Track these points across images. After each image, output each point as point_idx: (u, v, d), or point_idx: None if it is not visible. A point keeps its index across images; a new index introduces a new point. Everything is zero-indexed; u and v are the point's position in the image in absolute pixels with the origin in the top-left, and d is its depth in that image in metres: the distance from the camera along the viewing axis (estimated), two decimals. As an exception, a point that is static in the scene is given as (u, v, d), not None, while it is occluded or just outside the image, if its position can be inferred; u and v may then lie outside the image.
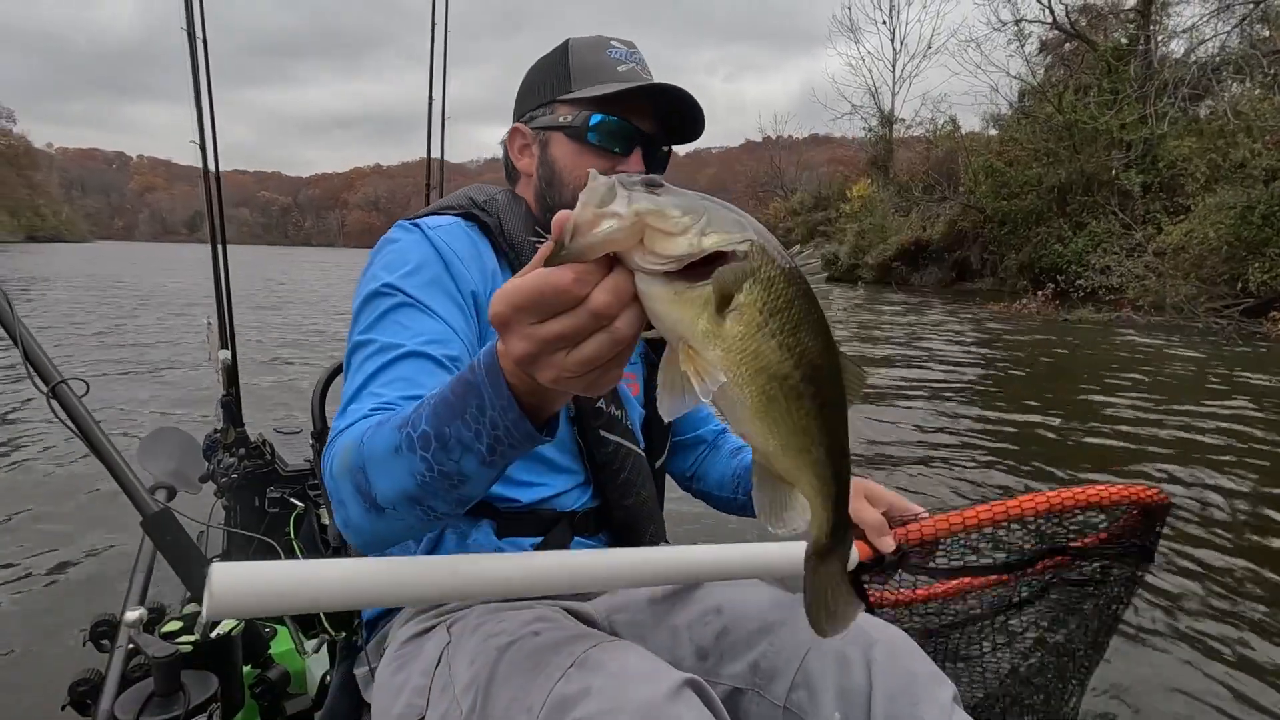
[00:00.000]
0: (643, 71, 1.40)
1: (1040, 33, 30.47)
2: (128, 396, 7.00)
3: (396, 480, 0.88)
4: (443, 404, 0.83)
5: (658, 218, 0.60)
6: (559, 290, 0.63)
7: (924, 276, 32.25)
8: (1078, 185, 24.76)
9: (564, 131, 1.36)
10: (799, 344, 0.64)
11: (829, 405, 0.68)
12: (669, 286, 0.62)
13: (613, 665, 0.97)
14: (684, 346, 0.63)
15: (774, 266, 0.63)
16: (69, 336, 11.17)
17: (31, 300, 16.60)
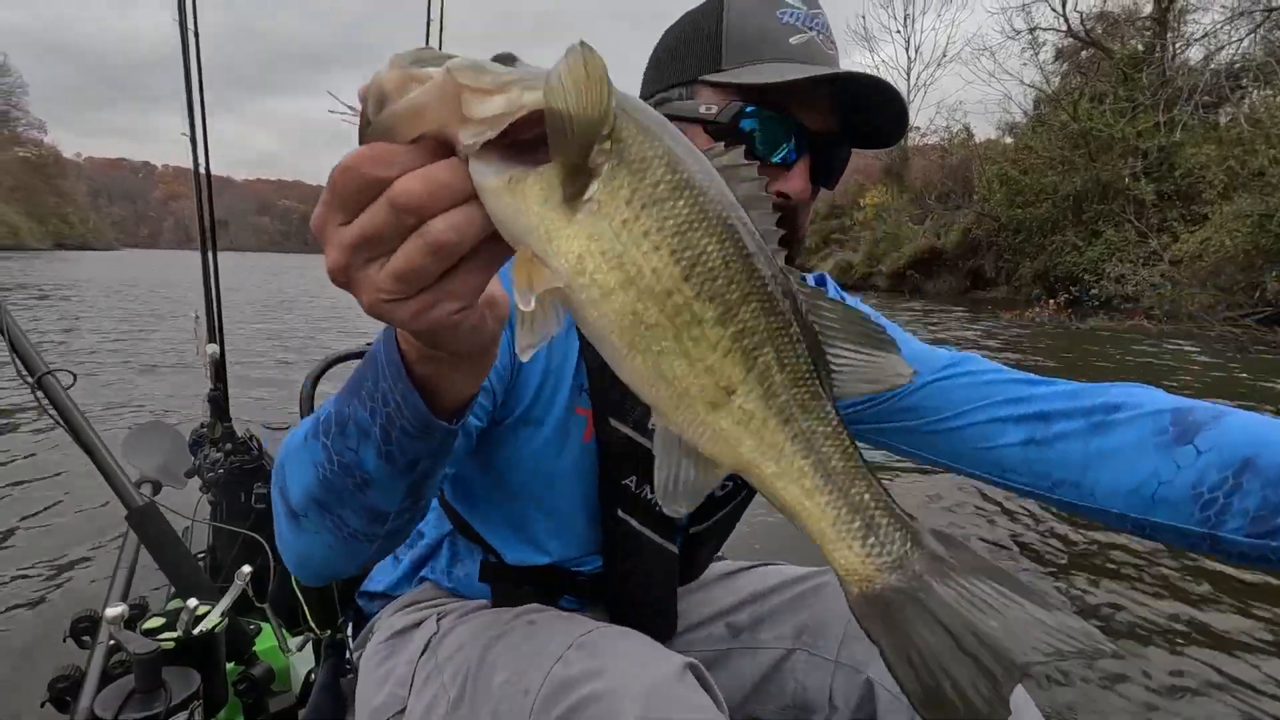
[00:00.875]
0: (825, 43, 1.02)
1: (1055, 40, 30.39)
2: (127, 391, 6.97)
3: (304, 476, 0.75)
4: (349, 381, 0.71)
5: (472, 74, 0.45)
6: (348, 172, 0.48)
7: (938, 285, 32.10)
8: (1093, 193, 24.58)
9: (705, 126, 1.01)
10: (690, 247, 0.47)
11: (765, 338, 0.50)
12: (503, 172, 0.46)
13: (614, 647, 0.92)
14: (524, 253, 0.47)
15: (651, 144, 0.46)
16: (73, 337, 11.23)
17: (53, 304, 16.72)
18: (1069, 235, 24.37)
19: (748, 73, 0.98)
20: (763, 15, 1.00)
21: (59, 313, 14.93)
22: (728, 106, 0.99)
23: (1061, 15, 28.24)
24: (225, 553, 2.25)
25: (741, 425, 0.51)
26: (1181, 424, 0.93)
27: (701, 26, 1.04)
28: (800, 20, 1.00)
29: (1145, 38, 25.85)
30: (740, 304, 0.49)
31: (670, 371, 0.49)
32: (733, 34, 1.00)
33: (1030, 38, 29.74)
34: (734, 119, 0.98)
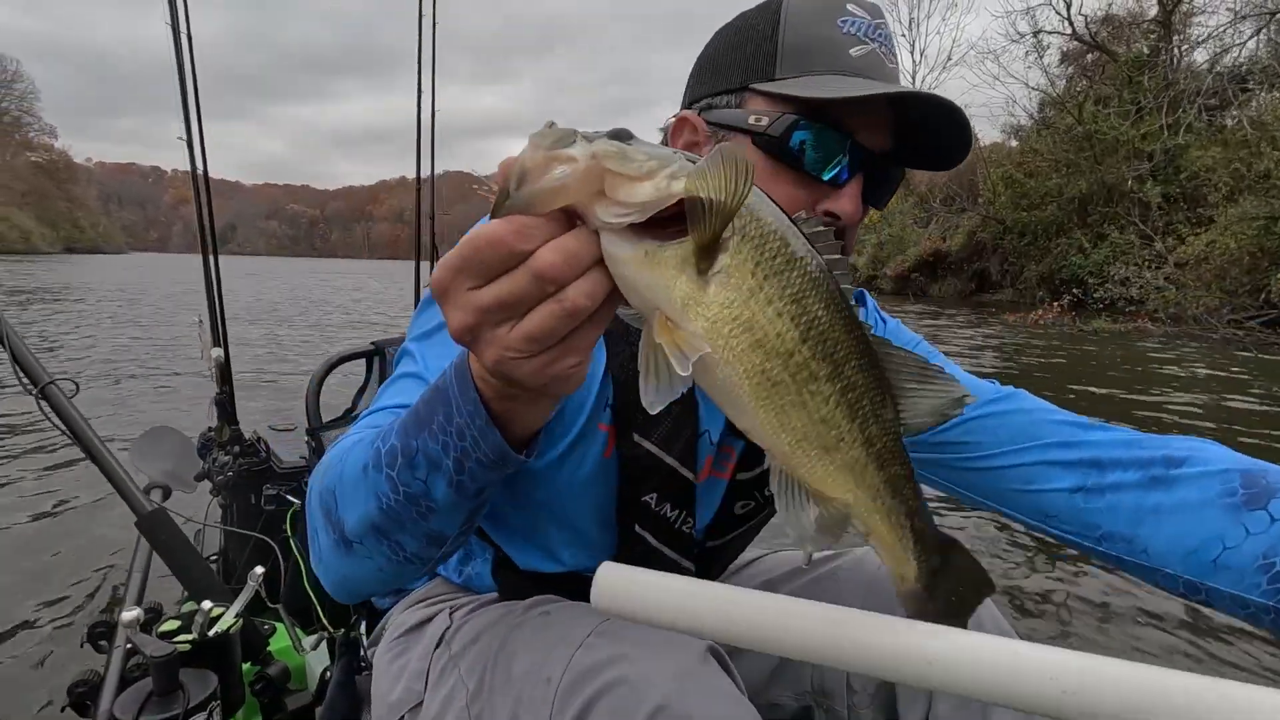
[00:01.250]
0: (886, 56, 0.96)
1: (1061, 44, 30.30)
2: (134, 396, 6.97)
3: (362, 506, 0.76)
4: (413, 415, 0.72)
5: (619, 160, 0.50)
6: (495, 245, 0.52)
7: (943, 287, 32.02)
8: (1099, 196, 24.51)
9: (754, 138, 0.94)
10: (805, 313, 0.53)
11: (863, 392, 0.56)
12: (638, 246, 0.51)
13: (637, 634, 0.89)
14: (660, 318, 0.53)
15: (768, 222, 0.52)
16: (80, 341, 11.24)
17: (60, 309, 16.78)
18: (1074, 238, 24.29)
19: (804, 84, 0.92)
20: (824, 23, 0.93)
21: (66, 317, 14.98)
22: (780, 119, 0.93)
23: (1066, 19, 28.19)
24: (237, 554, 2.26)
25: (847, 469, 0.58)
26: (1254, 486, 0.87)
27: (756, 30, 0.97)
28: (863, 31, 0.94)
29: (1150, 40, 25.73)
30: (844, 361, 0.56)
31: (792, 420, 0.56)
32: (790, 41, 0.94)
33: (1034, 41, 29.65)
34: (786, 132, 0.92)
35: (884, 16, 0.98)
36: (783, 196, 0.93)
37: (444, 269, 0.55)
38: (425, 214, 3.23)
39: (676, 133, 1.04)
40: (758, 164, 0.95)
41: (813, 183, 0.94)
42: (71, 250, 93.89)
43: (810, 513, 0.60)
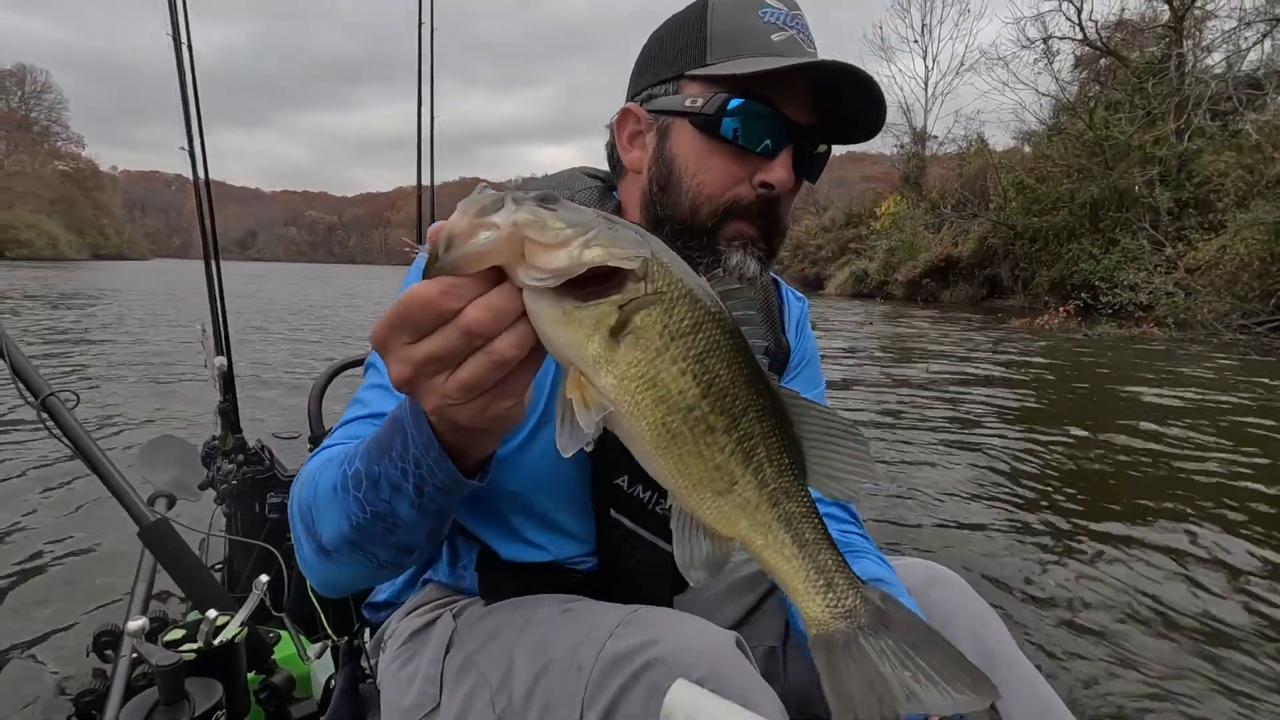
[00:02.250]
0: (805, 42, 1.03)
1: (1072, 49, 30.08)
2: (140, 404, 6.96)
3: (335, 522, 0.81)
4: (374, 442, 0.77)
5: (536, 229, 0.54)
6: (425, 305, 0.57)
7: (954, 293, 31.89)
8: (1110, 201, 24.32)
9: (691, 119, 1.01)
10: (707, 371, 0.58)
11: (759, 441, 0.61)
12: (557, 305, 0.55)
13: (667, 620, 0.92)
14: (574, 372, 0.58)
15: (678, 285, 0.57)
16: (90, 346, 11.31)
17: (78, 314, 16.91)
18: (1085, 243, 24.12)
19: (732, 65, 0.99)
20: (746, 14, 1.01)
21: (85, 320, 15.11)
22: (713, 98, 0.99)
23: (1077, 24, 27.99)
24: (242, 563, 2.25)
25: (740, 508, 0.62)
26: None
27: (687, 25, 1.05)
28: (781, 19, 1.01)
29: (1163, 46, 25.48)
30: (742, 414, 0.60)
31: (688, 468, 0.60)
32: (716, 31, 1.01)
33: (1044, 47, 29.43)
34: (718, 110, 0.98)
35: (799, 8, 1.05)
36: (721, 170, 1.01)
37: (381, 325, 0.59)
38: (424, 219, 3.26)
39: (621, 124, 1.11)
40: (696, 144, 1.02)
41: (747, 155, 1.00)
42: (97, 257, 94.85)
43: (702, 548, 0.64)
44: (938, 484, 5.11)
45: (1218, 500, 4.72)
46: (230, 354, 2.65)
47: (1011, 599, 3.33)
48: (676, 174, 1.03)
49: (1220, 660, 2.81)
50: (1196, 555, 3.84)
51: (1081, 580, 3.55)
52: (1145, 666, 2.76)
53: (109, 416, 6.28)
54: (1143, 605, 3.28)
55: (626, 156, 1.11)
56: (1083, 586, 3.48)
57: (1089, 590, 3.43)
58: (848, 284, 39.93)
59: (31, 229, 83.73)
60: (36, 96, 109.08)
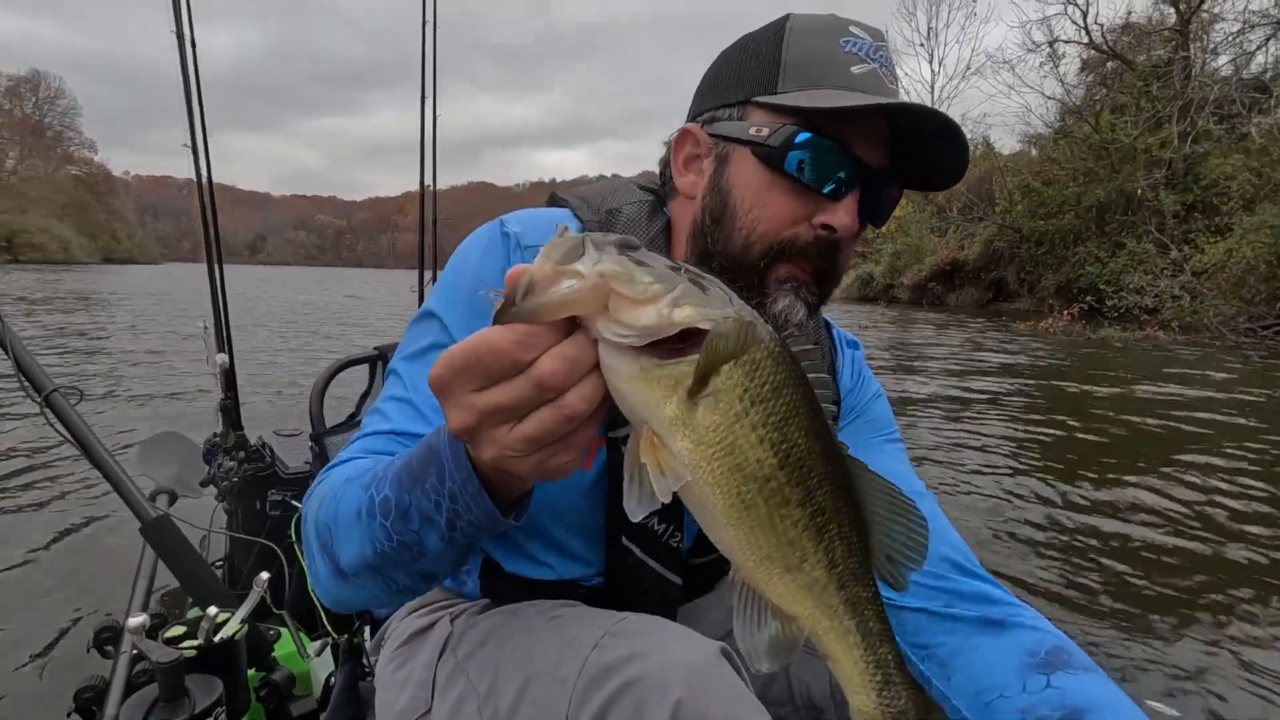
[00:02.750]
0: (887, 77, 0.95)
1: (1079, 53, 29.98)
2: (144, 400, 6.98)
3: (357, 547, 0.78)
4: (405, 469, 0.73)
5: (624, 282, 0.51)
6: (498, 353, 0.54)
7: (960, 297, 31.76)
8: (1117, 204, 24.19)
9: (754, 149, 0.94)
10: (786, 439, 0.54)
11: (831, 516, 0.57)
12: (635, 362, 0.53)
13: (652, 632, 0.88)
14: (648, 433, 0.55)
15: (761, 348, 0.53)
16: (94, 346, 11.34)
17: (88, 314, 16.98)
18: (1092, 247, 24.01)
19: (805, 97, 0.91)
20: (826, 41, 0.93)
21: (94, 321, 15.18)
22: (780, 130, 0.92)
23: (1083, 28, 27.90)
24: (243, 560, 2.25)
25: (807, 587, 0.59)
26: (1054, 657, 0.92)
27: (761, 47, 0.97)
28: (864, 51, 0.94)
29: (1169, 49, 25.37)
30: (817, 487, 0.56)
31: (759, 540, 0.57)
32: (793, 56, 0.94)
33: (1050, 50, 29.31)
34: (785, 143, 0.91)
35: (885, 40, 0.97)
36: (780, 208, 0.94)
37: (446, 368, 0.57)
38: (428, 222, 3.26)
39: (679, 145, 1.04)
40: (757, 176, 0.94)
41: (810, 195, 0.93)
42: (109, 260, 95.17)
43: (767, 631, 0.61)
44: (937, 483, 5.08)
45: (1230, 500, 4.69)
46: (232, 351, 2.65)
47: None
48: (732, 206, 0.96)
49: (1240, 657, 2.79)
50: (1204, 554, 3.81)
51: (1082, 576, 3.53)
52: (1159, 663, 2.74)
53: (112, 411, 6.31)
54: (1149, 603, 3.25)
55: (681, 180, 1.04)
56: (1084, 583, 3.46)
57: (1092, 585, 3.42)
58: (854, 288, 39.84)
59: (44, 233, 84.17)
60: (50, 102, 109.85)
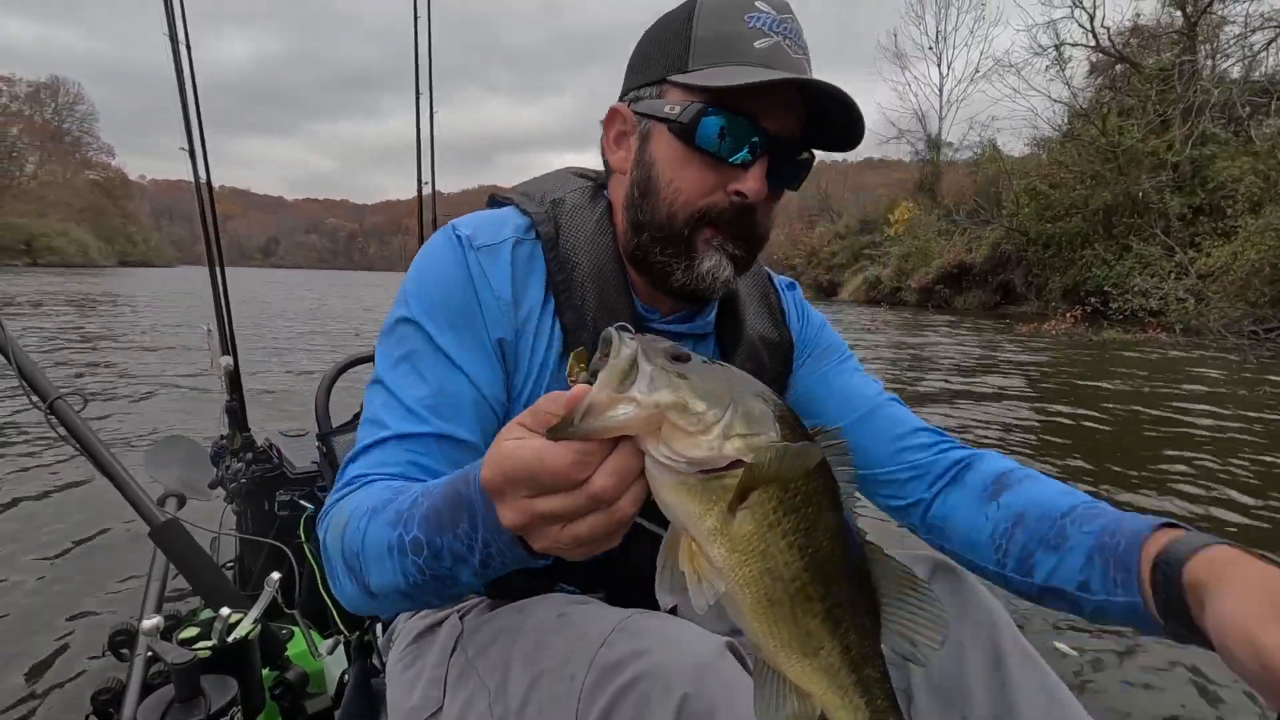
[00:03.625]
0: (791, 48, 0.99)
1: (1088, 56, 29.81)
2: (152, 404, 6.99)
3: (389, 576, 0.81)
4: (434, 513, 0.75)
5: (678, 413, 0.55)
6: (557, 474, 0.58)
7: (967, 299, 31.58)
8: (1124, 208, 24.03)
9: (669, 126, 1.00)
10: (812, 544, 0.59)
11: (847, 608, 0.62)
12: (680, 476, 0.56)
13: (657, 629, 0.90)
14: (687, 539, 0.59)
15: (797, 463, 0.56)
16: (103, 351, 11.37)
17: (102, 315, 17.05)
18: (1099, 249, 23.85)
19: (710, 75, 0.97)
20: (731, 19, 0.98)
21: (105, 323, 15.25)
22: (689, 107, 0.98)
23: (1090, 31, 27.75)
24: (253, 561, 2.25)
25: (823, 671, 0.63)
26: (998, 484, 1.08)
27: (672, 28, 1.03)
28: (768, 25, 0.98)
29: (1175, 52, 25.19)
30: (835, 584, 0.60)
31: (780, 631, 0.61)
32: (700, 35, 0.99)
33: (1056, 54, 29.15)
34: (694, 119, 0.97)
35: (790, 11, 1.02)
36: (696, 178, 1.00)
37: (499, 475, 0.61)
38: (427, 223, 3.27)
39: (609, 124, 1.10)
40: (674, 150, 1.01)
41: (722, 165, 0.99)
42: (125, 263, 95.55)
43: (787, 707, 0.64)
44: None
45: (1237, 499, 4.66)
46: (236, 354, 2.65)
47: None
48: (655, 179, 1.03)
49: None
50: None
51: None
52: (1160, 664, 2.71)
53: (119, 414, 6.32)
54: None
55: (612, 157, 1.10)
56: None
57: None
58: (861, 290, 39.74)
59: (63, 236, 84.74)
60: (69, 108, 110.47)
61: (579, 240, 1.08)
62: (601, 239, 1.09)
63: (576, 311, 1.05)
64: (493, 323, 1.03)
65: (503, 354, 1.04)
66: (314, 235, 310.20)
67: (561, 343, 1.07)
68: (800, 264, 50.32)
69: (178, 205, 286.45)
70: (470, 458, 0.92)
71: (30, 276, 41.53)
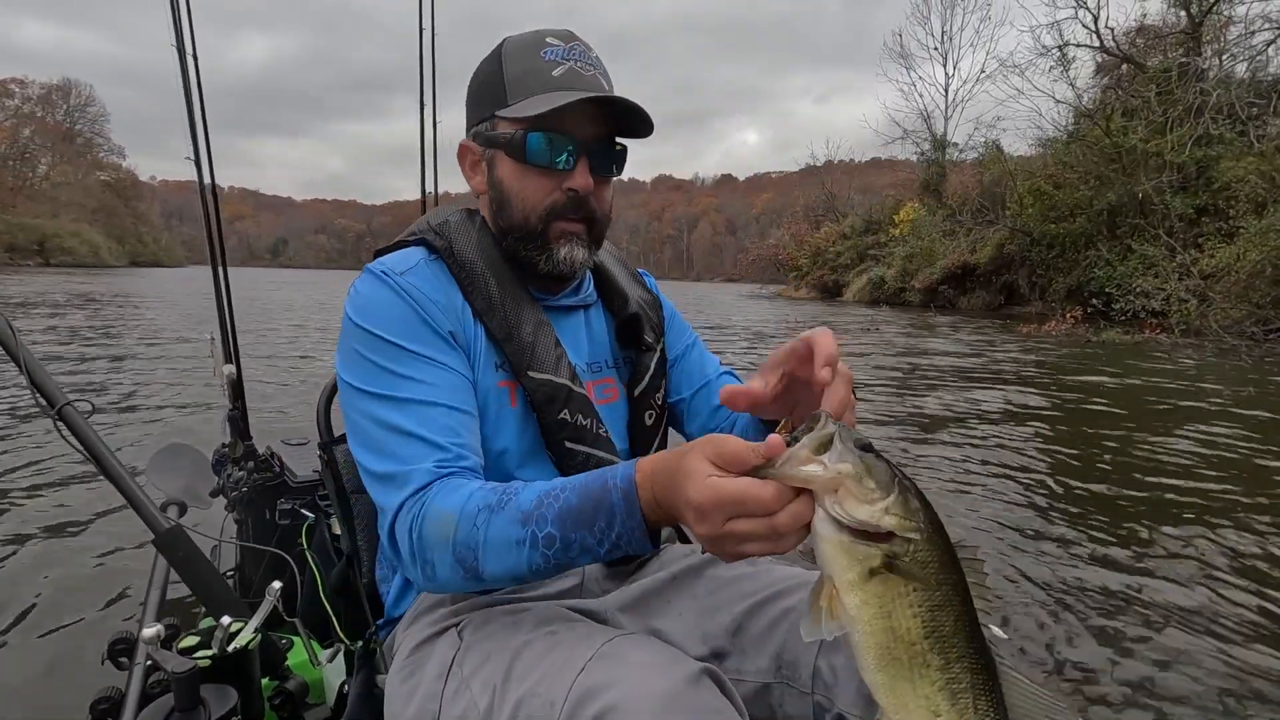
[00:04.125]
0: (582, 68, 1.24)
1: (1092, 56, 29.58)
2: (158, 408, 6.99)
3: (510, 565, 0.98)
4: (570, 513, 0.94)
5: (854, 483, 0.70)
6: (761, 502, 0.74)
7: (971, 300, 31.44)
8: (1129, 208, 23.86)
9: (505, 150, 1.25)
10: (934, 620, 0.70)
11: (965, 686, 0.71)
12: (840, 533, 0.70)
13: (633, 656, 0.97)
14: (830, 584, 0.72)
15: (934, 555, 0.71)
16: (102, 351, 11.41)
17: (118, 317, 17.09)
18: (1102, 250, 23.69)
19: (525, 105, 1.20)
20: (530, 58, 1.23)
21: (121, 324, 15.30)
22: (516, 134, 1.22)
23: (1094, 31, 27.57)
24: (253, 569, 2.24)
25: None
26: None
27: (489, 72, 1.26)
28: (560, 55, 1.23)
29: (1180, 52, 24.98)
30: (955, 660, 0.71)
31: (900, 690, 0.71)
32: (511, 77, 1.23)
33: (1060, 54, 28.90)
34: (521, 141, 1.21)
35: (576, 38, 1.26)
36: (535, 186, 1.24)
37: (712, 501, 0.77)
38: None
39: (462, 157, 1.35)
40: (514, 168, 1.24)
41: (552, 171, 1.24)
42: (135, 264, 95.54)
43: None
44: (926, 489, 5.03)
45: (1241, 509, 4.61)
46: (239, 362, 2.64)
47: (1010, 609, 3.23)
48: (506, 193, 1.27)
49: (1229, 662, 2.73)
50: (1212, 562, 3.74)
51: (1078, 587, 3.46)
52: (1159, 686, 2.67)
53: (123, 421, 6.34)
54: (1153, 617, 3.18)
55: (473, 182, 1.34)
56: (1081, 594, 3.38)
57: (1090, 599, 3.34)
58: (865, 291, 39.64)
59: (74, 237, 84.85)
60: (80, 110, 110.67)
61: (468, 246, 1.28)
62: (485, 241, 1.30)
63: (485, 300, 1.24)
64: (438, 321, 1.20)
65: (457, 342, 1.22)
66: (322, 235, 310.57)
67: (484, 330, 1.25)
68: (805, 264, 50.20)
69: (188, 206, 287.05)
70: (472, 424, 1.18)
71: (44, 277, 41.68)
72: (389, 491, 1.10)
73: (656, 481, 0.88)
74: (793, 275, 53.10)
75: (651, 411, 1.41)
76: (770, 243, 64.51)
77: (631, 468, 0.91)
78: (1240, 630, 3.02)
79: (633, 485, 0.90)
